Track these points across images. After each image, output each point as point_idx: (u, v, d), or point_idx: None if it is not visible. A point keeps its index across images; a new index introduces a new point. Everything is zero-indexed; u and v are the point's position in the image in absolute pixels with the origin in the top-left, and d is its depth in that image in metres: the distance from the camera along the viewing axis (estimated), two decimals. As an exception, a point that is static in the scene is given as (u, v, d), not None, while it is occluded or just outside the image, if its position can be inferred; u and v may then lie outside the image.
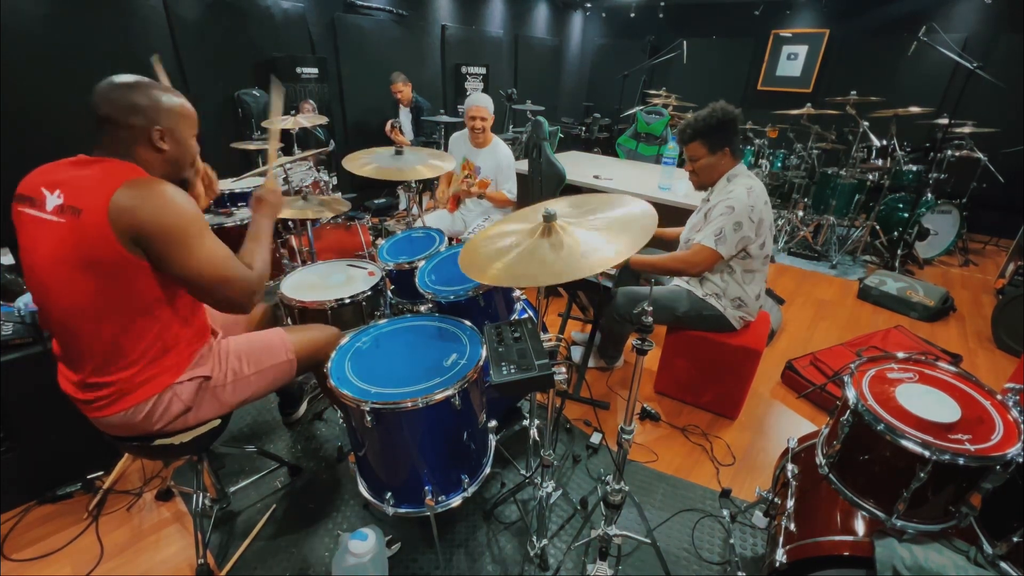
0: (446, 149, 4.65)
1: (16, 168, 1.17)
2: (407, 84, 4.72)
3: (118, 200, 1.06)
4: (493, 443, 1.65)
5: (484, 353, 1.43)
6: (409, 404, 1.27)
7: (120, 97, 1.13)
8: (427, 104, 4.87)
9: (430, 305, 1.80)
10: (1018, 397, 1.23)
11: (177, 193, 1.13)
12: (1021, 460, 1.07)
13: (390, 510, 1.42)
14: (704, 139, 1.99)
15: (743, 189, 1.94)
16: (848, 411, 1.25)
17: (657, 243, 2.49)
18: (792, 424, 2.33)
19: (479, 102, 2.87)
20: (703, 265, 2.03)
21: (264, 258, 1.31)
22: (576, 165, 3.74)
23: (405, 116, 4.89)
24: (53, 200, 1.10)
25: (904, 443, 1.11)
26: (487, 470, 1.57)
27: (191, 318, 1.31)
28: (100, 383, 1.21)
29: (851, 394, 1.25)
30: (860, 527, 1.22)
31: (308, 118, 3.19)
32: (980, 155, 4.20)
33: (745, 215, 1.92)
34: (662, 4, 6.57)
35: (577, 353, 2.65)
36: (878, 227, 4.26)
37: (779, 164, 4.90)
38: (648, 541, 1.54)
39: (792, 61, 6.19)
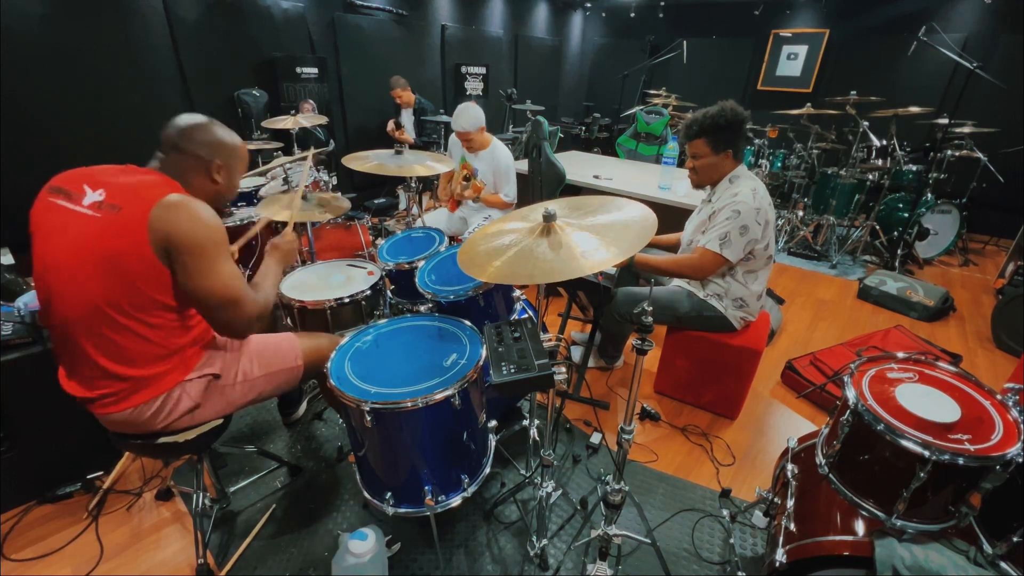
0: (446, 149, 4.65)
1: (16, 168, 1.17)
2: (406, 89, 4.72)
3: (161, 208, 1.12)
4: (493, 443, 1.65)
5: (484, 353, 1.43)
6: (409, 404, 1.27)
7: (191, 132, 1.26)
8: (431, 105, 4.88)
9: (430, 305, 1.80)
10: (1018, 397, 1.23)
11: (210, 212, 1.21)
12: (1021, 460, 1.07)
13: (390, 510, 1.42)
14: (709, 137, 1.95)
15: (748, 191, 1.92)
16: (848, 411, 1.25)
17: (656, 247, 2.50)
18: (792, 424, 2.33)
19: (458, 125, 2.75)
20: (707, 270, 2.02)
21: (269, 292, 1.38)
22: (576, 165, 3.74)
23: (407, 117, 4.90)
24: (93, 197, 1.15)
25: (904, 443, 1.11)
26: (487, 470, 1.57)
27: (197, 320, 1.32)
28: (107, 381, 1.21)
29: (851, 394, 1.25)
30: (860, 527, 1.22)
31: (308, 118, 3.19)
32: (980, 155, 4.20)
33: (751, 218, 1.91)
34: (662, 4, 6.58)
35: (577, 353, 2.65)
36: (878, 227, 4.26)
37: (779, 164, 4.90)
38: (648, 541, 1.54)
39: (792, 61, 6.19)
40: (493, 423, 1.60)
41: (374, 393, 1.31)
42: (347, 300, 1.88)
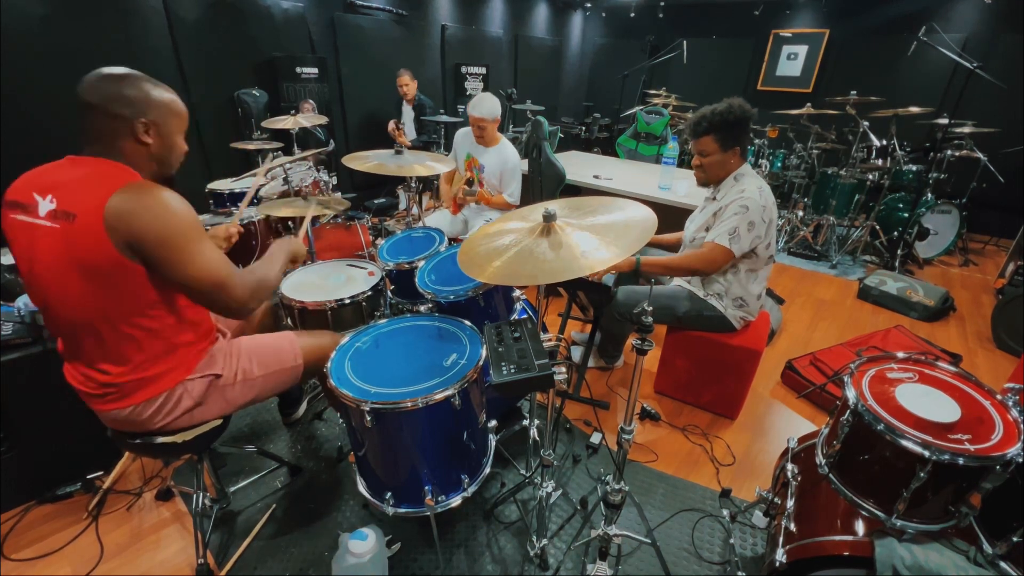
0: (446, 149, 4.64)
1: (16, 169, 1.16)
2: (414, 80, 4.73)
3: (114, 206, 1.05)
4: (493, 443, 1.65)
5: (484, 353, 1.43)
6: (409, 404, 1.27)
7: (107, 87, 1.11)
8: (430, 103, 4.88)
9: (430, 305, 1.80)
10: (1018, 397, 1.23)
11: (174, 199, 1.12)
12: (1021, 460, 1.07)
13: (390, 510, 1.42)
14: (718, 134, 1.94)
15: (755, 188, 1.92)
16: (848, 411, 1.25)
17: (656, 247, 2.50)
18: (792, 424, 2.33)
19: (476, 110, 2.78)
20: (718, 263, 2.00)
21: (264, 272, 1.33)
22: (576, 165, 3.74)
23: (408, 114, 4.89)
24: (46, 205, 1.09)
25: (904, 443, 1.12)
26: (487, 470, 1.57)
27: (195, 318, 1.31)
28: (110, 381, 1.21)
29: (851, 394, 1.25)
30: (860, 527, 1.22)
31: (308, 118, 3.19)
32: (980, 155, 4.20)
33: (759, 215, 1.90)
34: (662, 4, 6.57)
35: (577, 353, 2.65)
36: (878, 227, 4.26)
37: (779, 164, 4.90)
38: (648, 541, 1.54)
39: (792, 61, 6.19)
40: (493, 423, 1.60)
41: (374, 393, 1.31)
42: (348, 301, 1.88)
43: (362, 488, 1.51)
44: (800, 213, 4.63)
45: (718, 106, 1.92)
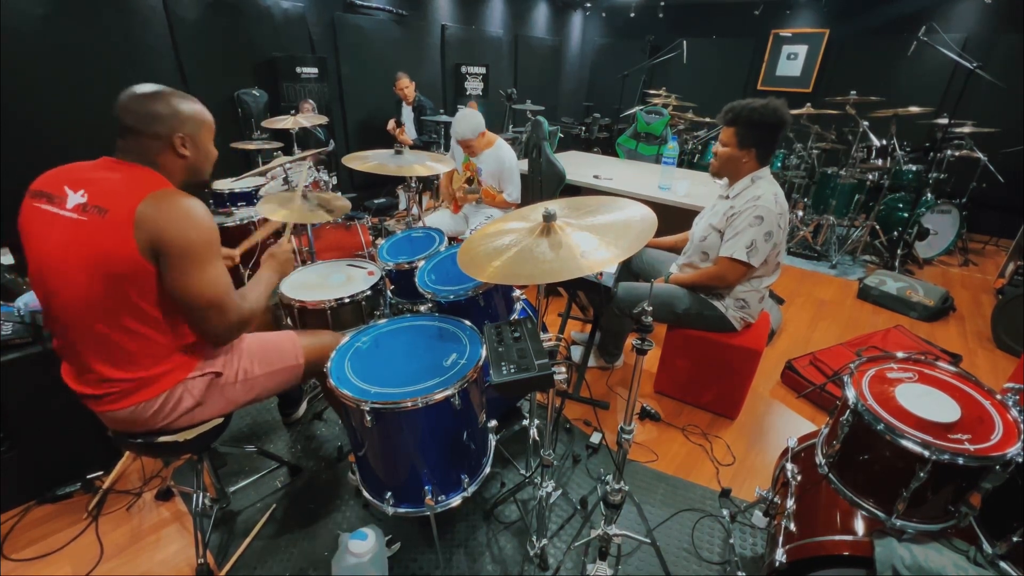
0: (446, 149, 4.65)
1: (16, 168, 1.17)
2: (412, 81, 4.74)
3: (146, 207, 1.09)
4: (493, 443, 1.65)
5: (484, 353, 1.43)
6: (409, 404, 1.28)
7: (142, 107, 1.17)
8: (430, 104, 4.88)
9: (430, 305, 1.80)
10: (1018, 397, 1.23)
11: (202, 210, 1.17)
12: (1021, 460, 1.07)
13: (390, 510, 1.42)
14: (739, 128, 1.90)
15: (770, 196, 1.89)
16: (848, 411, 1.25)
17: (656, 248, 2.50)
18: (792, 424, 2.33)
19: (457, 134, 2.79)
20: (729, 279, 1.99)
21: (256, 299, 1.34)
22: (576, 165, 3.74)
23: (408, 115, 4.90)
24: (76, 198, 1.13)
25: (904, 443, 1.11)
26: (487, 470, 1.57)
27: None
28: (110, 379, 1.21)
29: (851, 394, 1.25)
30: (860, 527, 1.22)
31: (308, 118, 3.19)
32: (980, 155, 4.20)
33: (775, 223, 1.89)
34: (662, 4, 6.57)
35: (577, 353, 2.65)
36: (878, 227, 4.26)
37: (779, 164, 4.90)
38: (648, 541, 1.54)
39: (792, 61, 6.19)
40: (493, 423, 1.60)
41: (374, 393, 1.31)
42: (347, 300, 1.88)
43: (362, 488, 1.51)
44: (800, 213, 4.62)
45: (755, 101, 1.87)
